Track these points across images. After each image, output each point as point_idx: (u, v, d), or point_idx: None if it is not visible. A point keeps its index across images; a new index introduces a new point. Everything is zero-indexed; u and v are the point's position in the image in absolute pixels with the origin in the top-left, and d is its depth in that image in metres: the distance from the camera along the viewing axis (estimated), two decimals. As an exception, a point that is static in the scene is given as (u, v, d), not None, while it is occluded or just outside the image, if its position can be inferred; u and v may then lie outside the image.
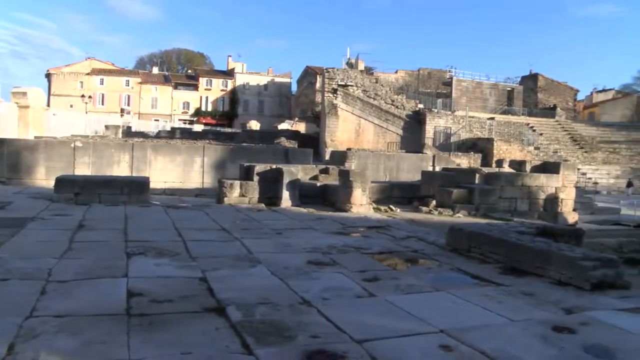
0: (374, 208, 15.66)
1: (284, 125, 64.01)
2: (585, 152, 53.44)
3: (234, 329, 4.78)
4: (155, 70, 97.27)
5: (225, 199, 15.81)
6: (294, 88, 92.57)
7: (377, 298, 6.18)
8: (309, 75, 77.81)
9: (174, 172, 24.01)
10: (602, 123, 66.20)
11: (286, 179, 15.71)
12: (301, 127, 61.51)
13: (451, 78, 63.96)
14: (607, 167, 50.88)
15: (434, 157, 31.33)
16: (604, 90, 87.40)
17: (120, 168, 23.12)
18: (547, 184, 20.32)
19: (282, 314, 5.27)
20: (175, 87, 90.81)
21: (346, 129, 41.94)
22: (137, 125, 63.08)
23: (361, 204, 15.18)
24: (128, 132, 48.64)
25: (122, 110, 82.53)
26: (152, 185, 16.57)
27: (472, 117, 48.34)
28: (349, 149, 31.66)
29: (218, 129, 66.83)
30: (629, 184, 47.07)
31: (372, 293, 6.37)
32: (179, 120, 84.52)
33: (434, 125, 43.33)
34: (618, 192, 44.49)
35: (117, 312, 5.13)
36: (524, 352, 4.58)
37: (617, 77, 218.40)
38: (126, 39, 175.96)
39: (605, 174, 49.77)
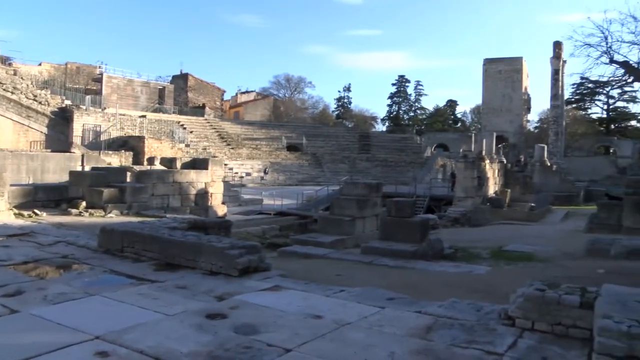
0: (15, 214, 14.21)
1: None
2: (232, 148, 57.19)
3: None
4: None
5: None
6: None
7: (21, 314, 5.62)
8: None
9: None
10: (246, 122, 71.72)
11: None
12: None
13: (101, 74, 61.69)
14: (251, 162, 55.40)
15: (83, 156, 29.80)
16: (247, 92, 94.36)
17: None
18: (197, 179, 21.19)
19: None
20: None
21: (-21, 126, 37.14)
22: None
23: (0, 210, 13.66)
24: None
25: None
26: None
27: (124, 114, 47.47)
28: (-18, 149, 28.06)
29: None
30: (265, 171, 53.93)
31: (14, 309, 5.75)
32: None
33: (82, 123, 41.13)
34: (260, 185, 48.81)
35: None
36: (181, 343, 4.73)
37: (257, 80, 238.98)
38: None
39: (250, 168, 54.14)
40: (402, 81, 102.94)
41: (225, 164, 42.36)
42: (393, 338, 5.01)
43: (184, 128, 54.89)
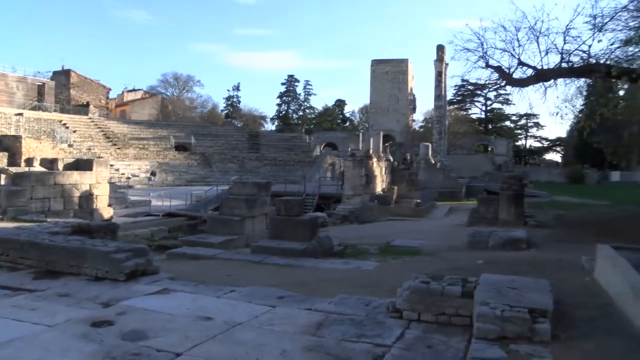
0: None
1: None
2: (118, 148, 55.11)
3: None
4: None
5: None
6: None
7: None
8: None
9: None
10: (133, 121, 69.39)
11: None
12: None
13: (-32, 67, 57.61)
14: (138, 162, 53.61)
15: (-51, 158, 27.64)
16: (134, 90, 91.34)
17: None
18: (81, 181, 20.29)
19: None
20: None
21: None
22: None
23: None
24: None
25: None
26: None
27: (-4, 112, 44.76)
28: None
29: None
30: (153, 173, 52.04)
31: None
32: None
33: (-52, 121, 38.25)
34: (148, 186, 47.36)
35: None
36: (63, 356, 4.51)
37: (145, 78, 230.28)
38: None
39: (137, 168, 52.37)
40: (291, 81, 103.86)
41: (111, 165, 40.82)
42: (284, 336, 5.05)
43: (67, 127, 52.35)
